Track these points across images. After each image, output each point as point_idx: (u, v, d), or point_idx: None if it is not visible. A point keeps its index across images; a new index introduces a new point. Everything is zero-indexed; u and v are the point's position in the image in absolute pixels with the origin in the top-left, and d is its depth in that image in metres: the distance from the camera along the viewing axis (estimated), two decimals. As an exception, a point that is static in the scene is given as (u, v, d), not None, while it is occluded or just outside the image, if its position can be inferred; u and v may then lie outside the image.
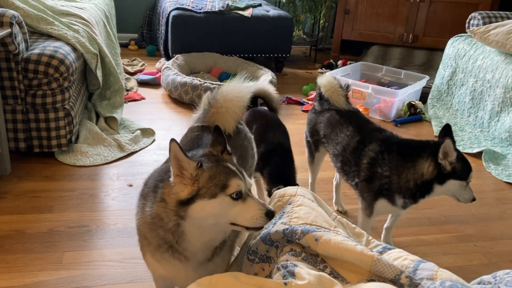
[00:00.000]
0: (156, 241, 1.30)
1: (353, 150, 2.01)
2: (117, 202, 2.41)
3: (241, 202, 1.22)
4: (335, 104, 2.19)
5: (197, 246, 1.28)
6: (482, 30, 3.56)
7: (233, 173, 1.24)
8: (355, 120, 2.12)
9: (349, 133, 2.06)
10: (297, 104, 4.03)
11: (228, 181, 1.21)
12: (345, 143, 2.06)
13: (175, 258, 1.30)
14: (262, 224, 1.24)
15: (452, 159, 1.78)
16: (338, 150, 2.09)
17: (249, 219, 1.22)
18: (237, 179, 1.22)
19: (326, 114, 2.22)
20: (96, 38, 3.08)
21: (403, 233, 2.35)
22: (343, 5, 5.04)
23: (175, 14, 4.38)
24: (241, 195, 1.22)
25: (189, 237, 1.26)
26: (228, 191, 1.20)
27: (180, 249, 1.28)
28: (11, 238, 2.06)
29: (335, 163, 2.14)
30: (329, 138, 2.16)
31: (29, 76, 2.51)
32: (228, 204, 1.21)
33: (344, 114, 2.17)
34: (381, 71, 4.40)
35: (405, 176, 1.84)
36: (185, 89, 3.67)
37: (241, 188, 1.22)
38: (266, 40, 4.64)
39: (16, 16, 2.38)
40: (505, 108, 3.26)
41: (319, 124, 2.25)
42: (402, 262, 1.20)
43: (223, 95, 1.70)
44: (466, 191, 1.86)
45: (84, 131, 2.95)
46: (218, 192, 1.20)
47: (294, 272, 1.15)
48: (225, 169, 1.24)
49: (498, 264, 2.15)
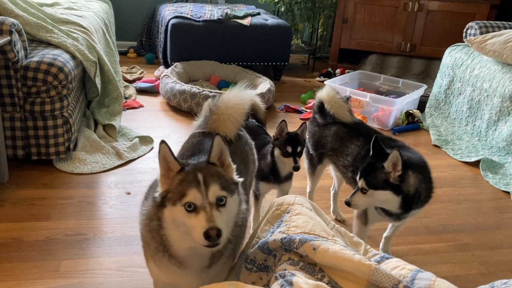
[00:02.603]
0: (153, 243, 1.31)
1: (363, 158, 2.02)
2: (115, 210, 2.40)
3: (195, 215, 1.18)
4: (341, 119, 2.20)
5: (182, 252, 1.28)
6: (479, 40, 3.58)
7: (195, 183, 1.20)
8: (364, 131, 2.13)
9: (359, 143, 2.07)
10: (295, 112, 4.04)
11: (186, 190, 1.19)
12: (356, 153, 2.07)
13: (172, 264, 1.30)
14: (201, 242, 1.16)
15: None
16: (349, 161, 2.09)
17: (193, 235, 1.17)
18: (194, 190, 1.18)
19: (332, 127, 2.23)
20: (95, 46, 3.09)
21: (401, 242, 2.34)
22: (341, 14, 5.07)
23: (174, 23, 4.40)
24: (195, 208, 1.18)
25: (171, 241, 1.27)
26: (183, 200, 1.18)
27: (173, 254, 1.28)
28: (8, 246, 2.05)
29: (345, 173, 2.15)
30: (338, 151, 2.17)
31: (28, 84, 2.52)
32: (183, 214, 1.19)
33: (351, 126, 2.18)
34: (379, 80, 4.42)
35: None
36: (183, 97, 3.68)
37: (196, 201, 1.18)
38: (264, 48, 4.66)
39: (15, 24, 2.39)
40: (503, 117, 3.28)
41: (326, 138, 2.25)
42: (400, 272, 1.20)
43: (224, 102, 1.71)
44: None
45: (83, 139, 2.95)
46: (177, 200, 1.20)
47: (292, 282, 1.15)
48: (190, 178, 1.21)
49: (496, 274, 2.14)
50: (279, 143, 2.04)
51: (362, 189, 1.78)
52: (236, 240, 1.41)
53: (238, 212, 1.31)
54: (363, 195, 1.78)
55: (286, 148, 2.02)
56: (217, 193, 1.20)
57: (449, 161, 3.31)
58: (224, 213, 1.20)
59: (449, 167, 3.22)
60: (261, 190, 2.19)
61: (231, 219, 1.27)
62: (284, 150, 2.02)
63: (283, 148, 2.02)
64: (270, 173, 2.12)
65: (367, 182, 1.76)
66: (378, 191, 1.75)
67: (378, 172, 1.74)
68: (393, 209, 1.81)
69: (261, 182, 2.16)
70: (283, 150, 2.02)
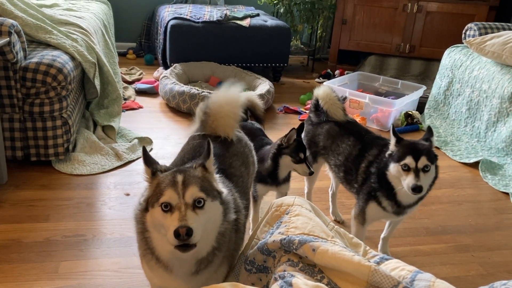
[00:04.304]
0: (142, 245, 1.32)
1: (355, 158, 2.03)
2: (114, 211, 2.40)
3: (170, 215, 1.17)
4: (333, 117, 2.21)
5: (165, 256, 1.27)
6: (478, 41, 3.58)
7: (172, 184, 1.19)
8: (355, 131, 2.14)
9: (350, 143, 2.08)
10: (295, 113, 4.03)
11: (163, 191, 1.19)
12: (347, 152, 2.08)
13: (160, 267, 1.30)
14: (172, 242, 1.14)
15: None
16: (340, 161, 2.11)
17: (167, 236, 1.15)
18: (170, 190, 1.18)
19: (325, 126, 2.24)
20: (94, 47, 3.09)
21: (401, 243, 2.34)
22: (341, 16, 5.07)
23: (173, 24, 4.40)
24: (171, 208, 1.17)
25: (154, 244, 1.27)
26: (160, 200, 1.18)
27: (159, 257, 1.28)
28: (7, 247, 2.05)
29: (337, 173, 2.16)
30: (330, 150, 2.18)
31: (27, 85, 2.51)
32: (160, 215, 1.18)
33: (343, 125, 2.19)
34: (378, 81, 4.42)
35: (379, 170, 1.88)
36: (183, 98, 3.68)
37: (171, 200, 1.17)
38: (264, 49, 4.66)
39: (14, 25, 2.39)
40: (502, 118, 3.28)
41: (318, 136, 2.26)
42: (400, 273, 1.20)
43: (215, 102, 1.70)
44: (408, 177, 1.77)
45: (82, 140, 2.95)
46: (155, 201, 1.20)
47: (292, 283, 1.15)
48: (168, 180, 1.21)
49: (496, 275, 2.14)
50: (290, 151, 2.04)
51: (424, 168, 1.76)
52: (229, 247, 1.39)
53: (222, 221, 1.30)
54: (425, 174, 1.76)
55: (299, 155, 2.03)
56: (195, 194, 1.19)
57: (448, 162, 3.31)
58: (201, 216, 1.19)
59: (448, 168, 3.22)
60: (258, 192, 2.19)
61: (210, 225, 1.25)
62: (297, 158, 2.03)
63: (295, 156, 2.03)
64: (268, 176, 2.12)
65: (429, 158, 1.76)
66: (433, 165, 1.79)
67: (431, 147, 1.80)
68: (428, 186, 1.83)
69: (259, 184, 2.15)
70: (296, 158, 2.03)
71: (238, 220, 1.41)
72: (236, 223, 1.40)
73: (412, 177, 1.74)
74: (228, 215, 1.32)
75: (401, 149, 1.80)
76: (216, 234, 1.29)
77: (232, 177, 1.58)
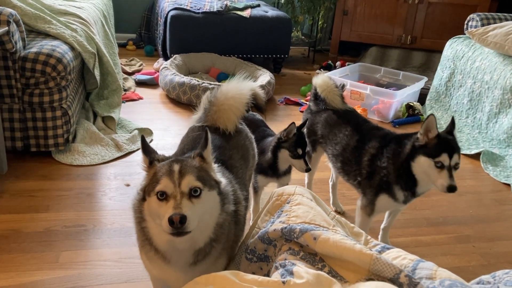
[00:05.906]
0: (141, 235, 1.32)
1: (353, 149, 2.02)
2: (114, 202, 2.39)
3: (165, 203, 1.17)
4: (331, 104, 2.20)
5: (163, 246, 1.27)
6: (480, 32, 3.56)
7: (168, 173, 1.20)
8: (353, 120, 2.13)
9: (348, 133, 2.07)
10: (295, 105, 4.02)
11: (160, 180, 1.19)
12: (345, 143, 2.06)
13: (158, 257, 1.30)
14: (166, 230, 1.14)
15: (432, 135, 1.76)
16: (338, 150, 2.09)
17: (162, 224, 1.15)
18: (166, 179, 1.18)
19: (323, 114, 2.23)
20: (94, 38, 3.07)
21: (401, 234, 2.34)
22: (342, 7, 5.04)
23: (173, 14, 4.37)
24: (167, 197, 1.17)
25: (151, 234, 1.27)
26: (156, 189, 1.18)
27: (156, 248, 1.28)
28: (7, 238, 2.05)
29: (335, 163, 2.15)
30: (328, 139, 2.17)
31: (26, 75, 2.50)
32: (156, 204, 1.19)
33: (341, 114, 2.17)
34: (379, 72, 4.40)
35: (397, 162, 1.84)
36: (183, 89, 3.66)
37: (167, 189, 1.17)
38: (264, 40, 4.64)
39: (13, 14, 2.37)
40: (503, 109, 3.26)
41: (316, 125, 2.25)
42: (401, 262, 1.19)
43: (223, 93, 1.70)
44: (441, 175, 1.70)
45: (82, 131, 2.94)
46: (151, 190, 1.21)
47: (293, 271, 1.14)
48: (165, 169, 1.21)
49: (497, 265, 2.14)
50: (288, 145, 2.03)
51: (455, 165, 1.71)
52: (228, 239, 1.38)
53: (219, 212, 1.29)
54: (455, 172, 1.72)
55: (297, 150, 2.01)
56: (192, 183, 1.18)
57: (450, 154, 3.30)
58: (197, 205, 1.18)
59: (450, 159, 3.21)
60: (259, 183, 2.18)
61: (208, 215, 1.24)
62: (295, 153, 2.01)
63: (293, 151, 2.01)
64: (269, 168, 2.11)
65: (459, 155, 1.73)
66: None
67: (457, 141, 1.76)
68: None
69: (259, 175, 2.15)
70: (294, 153, 2.01)
71: (238, 212, 1.40)
72: (236, 215, 1.39)
73: (447, 176, 1.68)
74: (226, 205, 1.31)
75: (436, 144, 1.73)
76: (214, 225, 1.28)
77: (232, 168, 1.57)
